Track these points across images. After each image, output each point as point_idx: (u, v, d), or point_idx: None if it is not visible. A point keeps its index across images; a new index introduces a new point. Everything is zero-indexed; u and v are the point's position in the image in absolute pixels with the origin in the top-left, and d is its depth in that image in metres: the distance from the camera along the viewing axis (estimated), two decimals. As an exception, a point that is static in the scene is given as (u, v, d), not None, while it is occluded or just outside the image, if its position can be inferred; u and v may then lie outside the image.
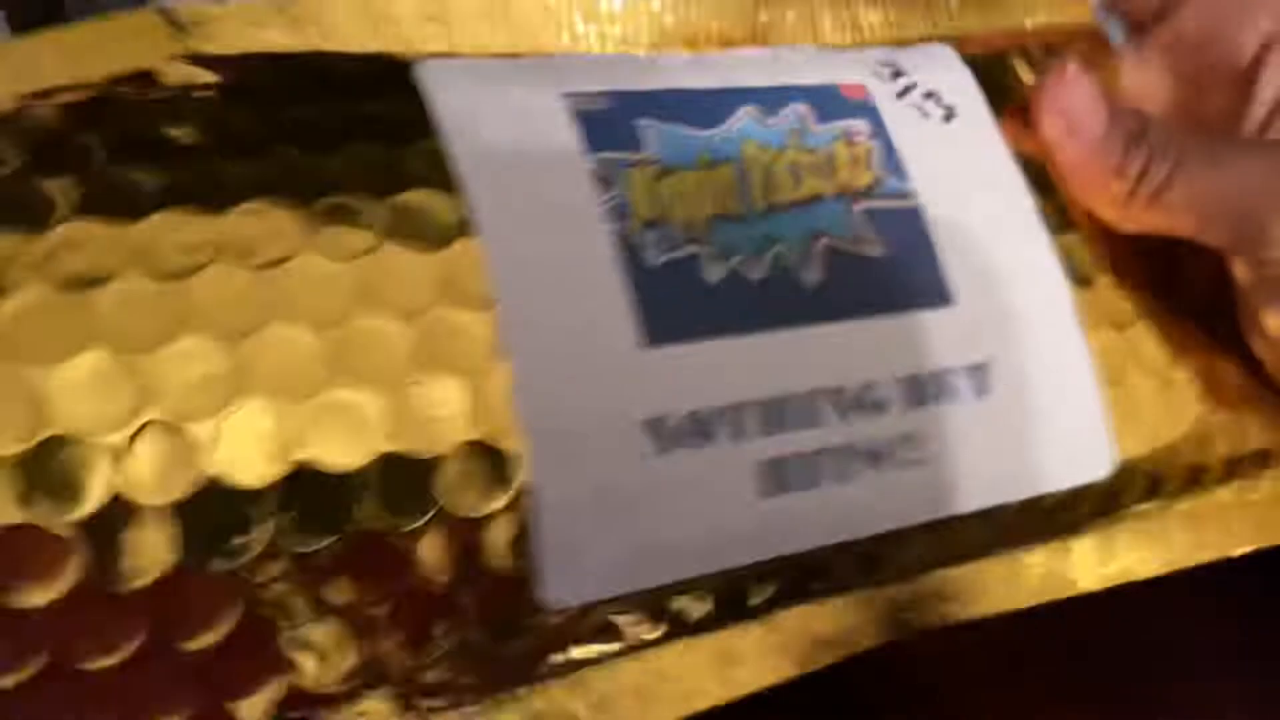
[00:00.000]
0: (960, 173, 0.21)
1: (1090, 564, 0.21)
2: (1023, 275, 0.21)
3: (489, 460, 0.17)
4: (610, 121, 0.19)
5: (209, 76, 0.18)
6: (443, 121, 0.18)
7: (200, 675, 0.15)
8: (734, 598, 0.19)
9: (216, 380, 0.15)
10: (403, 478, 0.16)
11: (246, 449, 0.15)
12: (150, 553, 0.15)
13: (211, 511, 0.15)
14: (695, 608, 0.18)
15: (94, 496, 0.15)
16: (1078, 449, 0.21)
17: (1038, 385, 0.21)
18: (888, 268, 0.20)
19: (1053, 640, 0.24)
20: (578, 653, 0.18)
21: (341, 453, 0.16)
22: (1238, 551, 0.23)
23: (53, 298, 0.15)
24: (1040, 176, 0.22)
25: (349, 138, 0.18)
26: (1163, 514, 0.22)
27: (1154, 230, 0.23)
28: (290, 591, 0.15)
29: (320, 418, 0.16)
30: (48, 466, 0.15)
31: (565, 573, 0.17)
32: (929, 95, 0.22)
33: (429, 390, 0.17)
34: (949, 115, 0.22)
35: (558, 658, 0.17)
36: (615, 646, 0.18)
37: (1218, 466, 0.23)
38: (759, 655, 0.19)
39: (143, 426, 0.15)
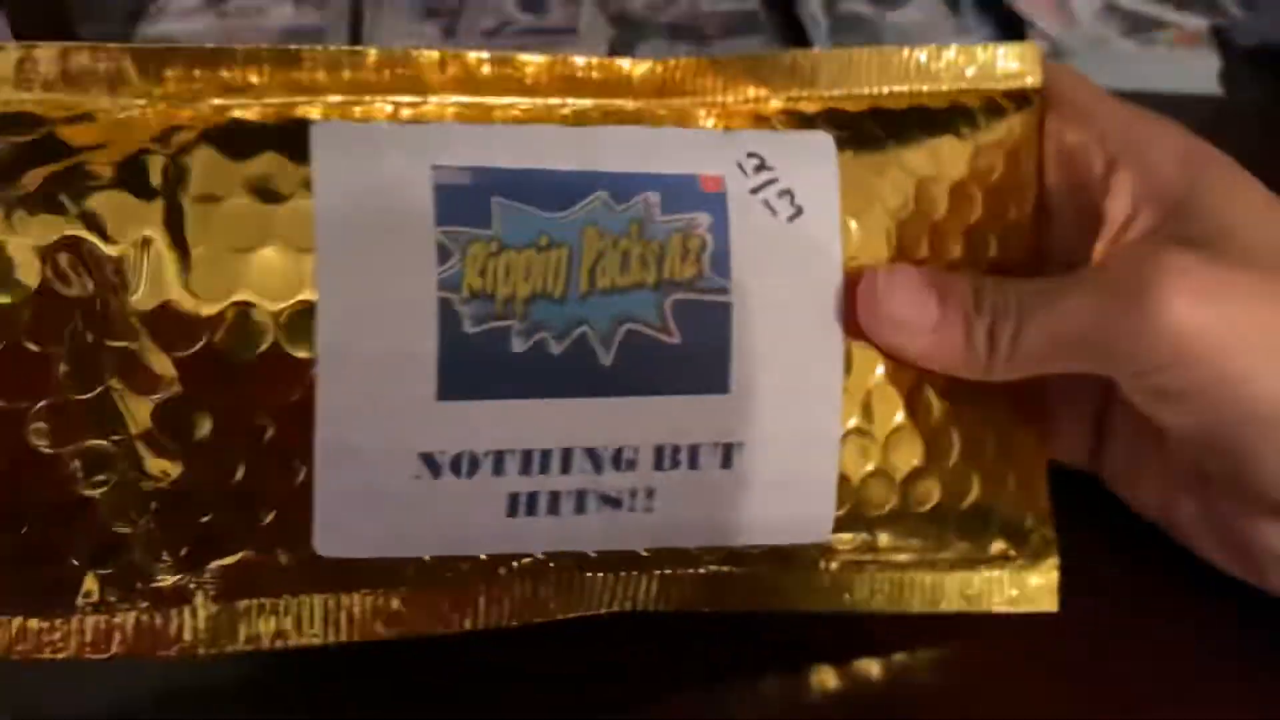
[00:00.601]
0: (782, 275, 0.25)
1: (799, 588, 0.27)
2: (803, 375, 0.25)
3: None
4: (466, 197, 0.23)
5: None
6: (317, 181, 0.22)
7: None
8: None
9: None
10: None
11: None
12: None
13: None
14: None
15: None
16: (804, 517, 0.26)
17: (781, 465, 0.25)
18: (679, 356, 0.24)
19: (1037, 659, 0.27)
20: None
21: None
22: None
23: None
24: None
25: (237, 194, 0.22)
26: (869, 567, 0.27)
27: (1027, 375, 0.26)
28: None
29: None
30: None
31: (329, 537, 0.23)
32: (783, 193, 0.25)
33: None
34: (795, 215, 0.25)
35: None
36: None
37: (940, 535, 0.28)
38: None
39: None
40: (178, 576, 0.23)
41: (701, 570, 0.26)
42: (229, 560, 0.23)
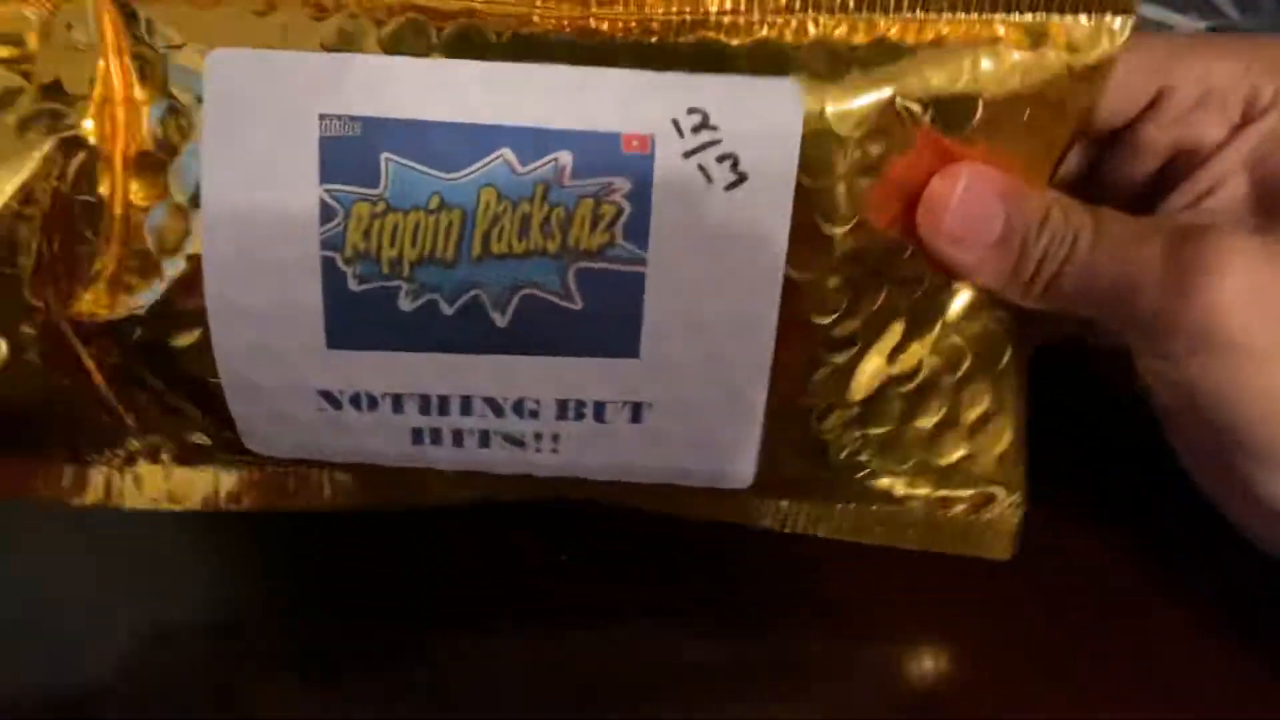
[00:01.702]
0: (710, 249, 0.22)
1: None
2: (729, 346, 0.23)
3: None
4: (353, 152, 0.21)
5: None
6: (207, 124, 0.21)
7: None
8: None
9: None
10: None
11: None
12: None
13: None
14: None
15: None
16: (722, 472, 0.25)
17: (696, 427, 0.24)
18: (582, 321, 0.23)
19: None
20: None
21: None
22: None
23: None
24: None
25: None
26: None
27: (1055, 310, 0.24)
28: None
29: None
30: None
31: (253, 442, 0.25)
32: (723, 158, 0.22)
33: None
34: (736, 182, 0.22)
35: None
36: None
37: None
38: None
39: None
40: (143, 443, 0.26)
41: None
42: (186, 438, 0.25)
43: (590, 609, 0.27)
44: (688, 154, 0.22)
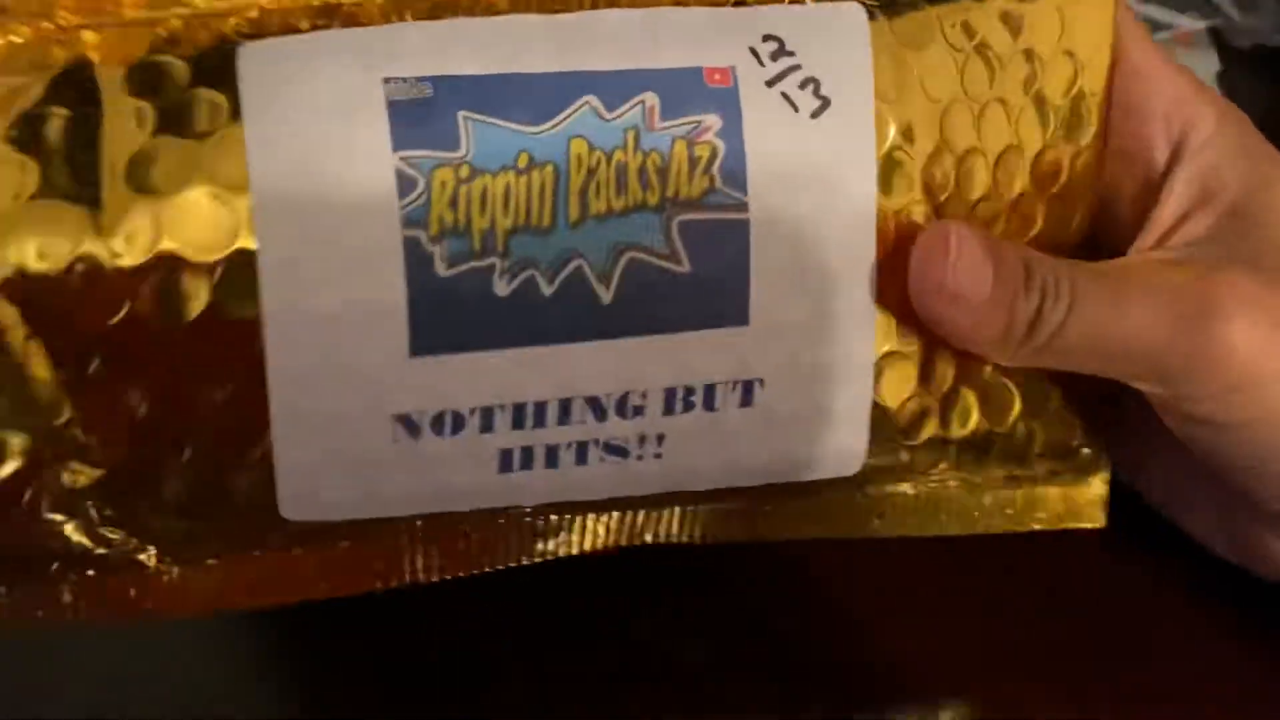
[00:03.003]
0: (807, 179, 0.21)
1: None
2: (833, 298, 0.22)
3: None
4: (427, 114, 0.19)
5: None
6: (246, 108, 0.18)
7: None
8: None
9: None
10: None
11: None
12: None
13: None
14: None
15: None
16: (834, 452, 0.23)
17: (808, 400, 0.22)
18: (690, 286, 0.21)
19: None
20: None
21: None
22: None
23: None
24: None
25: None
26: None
27: (1050, 368, 0.23)
28: None
29: None
30: None
31: (296, 505, 0.20)
32: (805, 83, 0.21)
33: None
34: (820, 109, 0.21)
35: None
36: None
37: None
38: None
39: None
40: (133, 545, 0.20)
41: (719, 505, 0.23)
42: (190, 528, 0.20)
43: (590, 609, 0.26)
44: (770, 82, 0.21)
